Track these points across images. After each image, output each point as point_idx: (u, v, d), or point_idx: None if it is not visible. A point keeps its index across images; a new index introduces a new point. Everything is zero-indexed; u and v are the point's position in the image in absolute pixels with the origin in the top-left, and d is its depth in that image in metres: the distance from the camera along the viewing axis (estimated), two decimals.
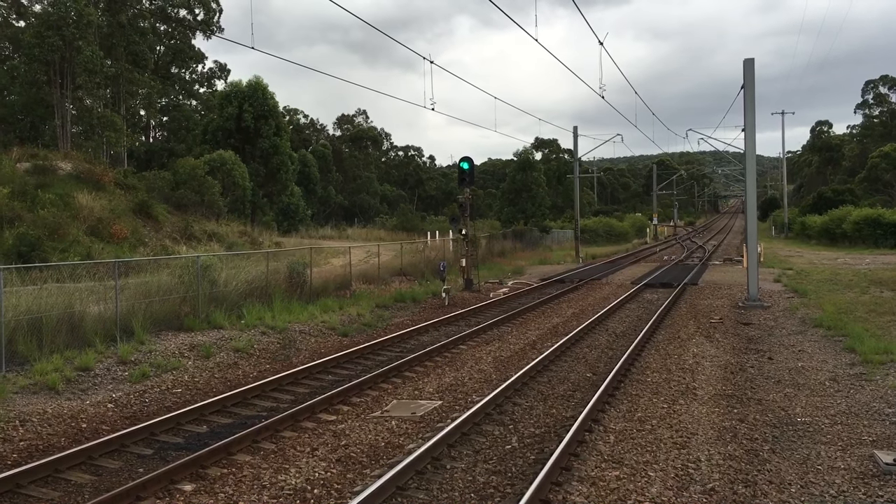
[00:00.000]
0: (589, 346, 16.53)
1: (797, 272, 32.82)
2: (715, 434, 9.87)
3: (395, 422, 10.65)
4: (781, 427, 10.15)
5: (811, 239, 61.51)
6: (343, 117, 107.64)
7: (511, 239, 51.57)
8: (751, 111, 23.44)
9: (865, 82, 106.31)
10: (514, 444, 9.65)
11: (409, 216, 72.42)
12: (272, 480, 8.34)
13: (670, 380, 12.99)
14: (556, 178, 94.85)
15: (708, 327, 18.77)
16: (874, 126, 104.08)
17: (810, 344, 16.12)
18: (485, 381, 13.17)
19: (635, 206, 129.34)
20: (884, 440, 9.46)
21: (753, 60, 23.66)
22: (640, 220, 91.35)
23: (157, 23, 62.00)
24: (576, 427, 9.55)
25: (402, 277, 29.24)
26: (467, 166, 27.88)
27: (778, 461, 8.80)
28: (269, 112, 50.06)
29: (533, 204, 71.58)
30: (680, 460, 8.83)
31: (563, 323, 20.03)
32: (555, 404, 11.57)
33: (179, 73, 69.10)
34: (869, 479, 8.18)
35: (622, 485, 8.06)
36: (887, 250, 46.61)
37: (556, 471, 8.25)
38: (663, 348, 15.97)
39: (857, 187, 78.45)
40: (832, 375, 13.09)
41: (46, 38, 43.75)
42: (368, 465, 8.87)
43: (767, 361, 14.51)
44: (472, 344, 16.87)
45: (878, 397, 11.47)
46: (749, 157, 24.01)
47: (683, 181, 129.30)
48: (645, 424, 10.32)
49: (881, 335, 16.13)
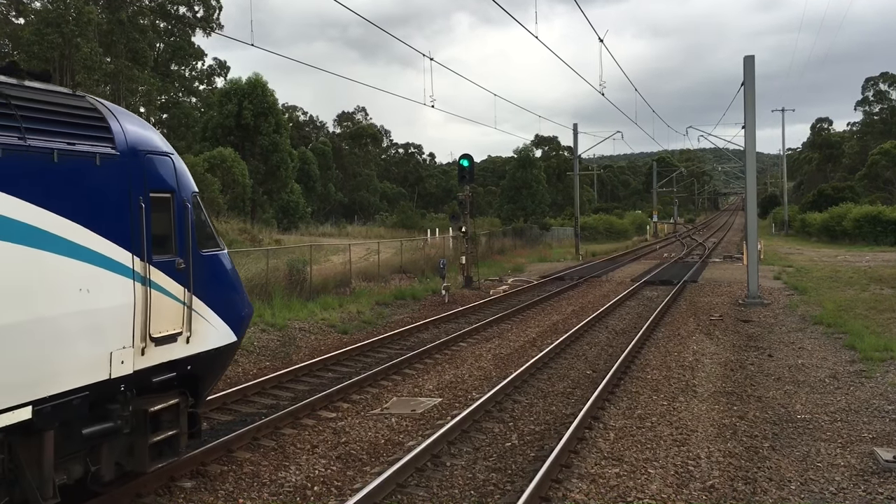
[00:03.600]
0: (589, 343, 16.53)
1: (797, 269, 32.83)
2: (715, 431, 9.87)
3: (395, 419, 10.66)
4: (781, 424, 10.16)
5: (811, 236, 61.51)
6: (343, 114, 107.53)
7: (511, 236, 51.56)
8: (751, 108, 23.43)
9: (866, 79, 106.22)
10: (514, 441, 9.65)
11: (408, 213, 72.38)
12: (272, 478, 8.34)
13: (670, 377, 12.99)
14: (556, 175, 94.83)
15: (708, 324, 18.77)
16: (874, 123, 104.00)
17: (810, 341, 16.12)
18: (485, 379, 13.17)
19: (635, 203, 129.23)
20: (884, 437, 9.46)
21: (753, 57, 23.64)
22: (640, 217, 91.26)
23: (157, 20, 61.96)
24: (576, 424, 9.55)
25: (402, 275, 29.24)
26: (467, 163, 27.86)
27: (778, 458, 8.81)
28: (268, 109, 50.04)
29: (533, 201, 71.62)
30: (680, 457, 8.84)
31: (563, 320, 20.03)
32: (555, 401, 11.57)
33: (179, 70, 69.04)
34: (869, 476, 8.18)
35: (622, 482, 8.06)
36: (887, 248, 46.60)
37: (556, 468, 8.25)
38: (663, 345, 15.97)
39: (857, 184, 78.40)
40: (832, 373, 13.09)
41: (46, 35, 43.72)
42: (368, 463, 8.87)
43: (767, 359, 14.51)
44: (472, 341, 16.87)
45: (877, 394, 11.47)
46: (749, 154, 24.00)
47: (683, 178, 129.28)
48: (645, 422, 10.32)
49: (881, 332, 16.14)
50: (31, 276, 5.86)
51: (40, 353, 5.93)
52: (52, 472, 6.17)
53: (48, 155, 6.08)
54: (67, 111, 6.57)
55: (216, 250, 8.19)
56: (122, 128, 7.05)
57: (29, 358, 5.83)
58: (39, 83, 6.67)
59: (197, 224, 7.78)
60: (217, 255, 8.20)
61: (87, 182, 6.45)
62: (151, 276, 7.03)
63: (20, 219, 5.76)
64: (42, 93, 6.53)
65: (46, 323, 5.98)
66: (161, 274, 7.17)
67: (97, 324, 6.44)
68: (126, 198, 6.83)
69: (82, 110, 6.79)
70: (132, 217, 6.87)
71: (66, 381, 6.16)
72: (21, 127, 5.91)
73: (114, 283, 6.65)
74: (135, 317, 6.85)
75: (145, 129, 7.54)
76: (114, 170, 6.74)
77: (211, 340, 7.88)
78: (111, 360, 6.59)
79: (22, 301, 5.78)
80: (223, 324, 8.12)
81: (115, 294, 6.65)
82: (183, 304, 7.44)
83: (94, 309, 6.43)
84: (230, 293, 8.42)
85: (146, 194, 7.04)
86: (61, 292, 6.13)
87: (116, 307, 6.67)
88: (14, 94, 6.14)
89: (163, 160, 7.46)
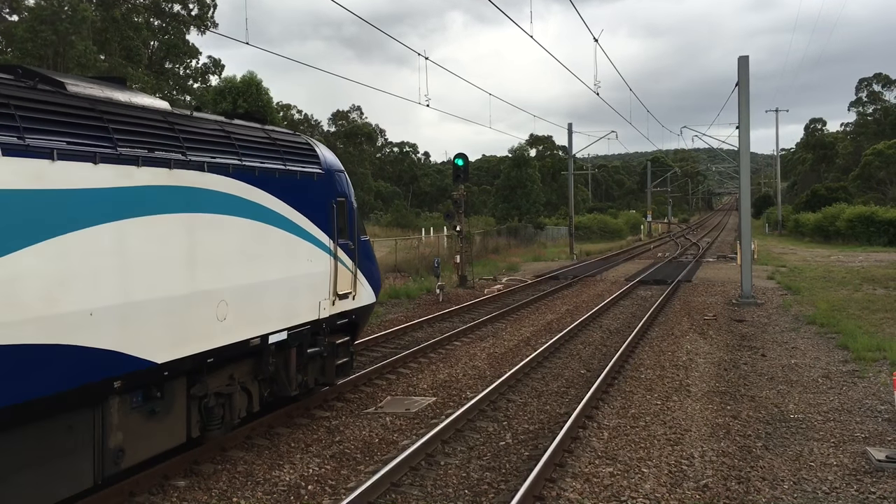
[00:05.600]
0: (583, 342, 16.56)
1: (791, 269, 32.93)
2: (708, 431, 9.90)
3: (390, 418, 10.65)
4: (774, 424, 10.19)
5: (805, 236, 61.70)
6: (338, 113, 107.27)
7: (505, 235, 51.58)
8: (745, 108, 23.48)
9: (859, 80, 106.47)
10: (509, 440, 9.66)
11: (403, 212, 72.33)
12: (266, 476, 8.33)
13: (664, 376, 13.02)
14: (550, 174, 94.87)
15: (702, 324, 18.81)
16: (868, 124, 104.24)
17: (803, 341, 16.18)
18: (479, 378, 13.18)
19: (630, 203, 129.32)
20: (876, 437, 9.50)
21: (748, 58, 23.69)
22: (635, 217, 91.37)
23: (152, 18, 61.75)
24: (570, 423, 9.56)
25: (396, 274, 29.21)
26: (462, 163, 27.85)
27: (771, 458, 8.84)
28: (263, 108, 49.91)
29: (527, 201, 71.57)
30: (673, 457, 8.86)
31: (558, 319, 20.05)
32: (549, 401, 11.58)
33: (173, 68, 68.77)
34: (861, 475, 8.21)
35: (616, 481, 8.08)
36: (880, 248, 46.77)
37: (550, 467, 8.26)
38: (657, 345, 16.00)
39: (850, 185, 78.59)
40: (825, 372, 13.14)
41: (40, 32, 43.52)
42: (362, 462, 8.87)
43: (761, 358, 14.55)
44: (467, 340, 16.87)
45: (870, 394, 11.52)
46: (743, 155, 24.07)
47: (678, 178, 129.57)
48: (639, 421, 10.34)
49: (874, 332, 16.20)
50: (287, 249, 9.31)
51: (290, 299, 9.41)
52: (295, 374, 9.76)
53: (294, 174, 9.59)
54: (298, 146, 10.18)
55: (366, 238, 11.88)
56: (322, 155, 10.68)
57: (286, 301, 9.31)
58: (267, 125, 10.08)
59: (357, 219, 11.34)
60: (367, 240, 12.00)
61: (310, 191, 9.93)
62: (338, 253, 10.60)
63: (284, 214, 9.24)
64: (283, 133, 10.27)
65: (293, 280, 9.42)
66: (342, 252, 10.73)
67: (314, 283, 9.96)
68: (326, 201, 10.37)
69: (304, 145, 10.40)
70: (329, 213, 10.39)
71: (301, 318, 9.69)
72: (284, 158, 9.49)
73: (322, 256, 10.18)
74: (330, 279, 10.38)
75: (332, 155, 11.19)
76: (320, 183, 10.28)
77: (364, 299, 11.57)
78: (320, 307, 10.12)
79: (283, 265, 9.20)
80: (370, 289, 11.86)
81: (322, 263, 10.17)
82: (352, 273, 11.10)
83: (313, 273, 9.93)
84: (373, 268, 12.19)
85: (336, 199, 10.64)
86: (299, 260, 9.58)
87: (322, 272, 10.17)
88: (276, 136, 9.73)
89: (341, 175, 11.08)
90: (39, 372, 5.88)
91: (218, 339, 8.00)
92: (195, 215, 7.66)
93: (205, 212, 7.82)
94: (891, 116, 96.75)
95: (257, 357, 9.04)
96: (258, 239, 8.70)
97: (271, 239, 8.95)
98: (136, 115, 7.31)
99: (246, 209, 8.49)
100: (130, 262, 6.80)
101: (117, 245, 6.67)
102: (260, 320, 8.76)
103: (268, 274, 8.85)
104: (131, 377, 6.86)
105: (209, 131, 8.30)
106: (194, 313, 7.62)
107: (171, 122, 7.73)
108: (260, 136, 9.32)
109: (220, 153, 8.19)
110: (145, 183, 7.03)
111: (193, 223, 7.62)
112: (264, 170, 8.87)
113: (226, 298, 8.08)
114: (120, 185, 6.74)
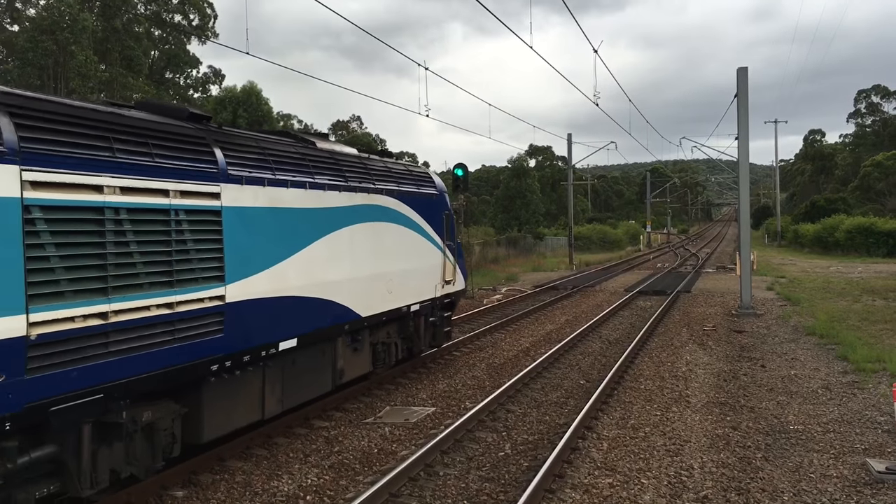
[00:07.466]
0: (582, 353, 16.53)
1: (790, 280, 32.93)
2: (708, 442, 9.87)
3: (388, 428, 10.63)
4: (774, 435, 10.16)
5: (804, 247, 61.71)
6: (338, 123, 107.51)
7: (505, 246, 51.57)
8: (744, 120, 23.53)
9: (858, 92, 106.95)
10: (508, 450, 9.63)
11: None
12: (264, 487, 8.30)
13: (663, 387, 13.00)
14: (549, 185, 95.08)
15: (701, 335, 18.79)
16: (866, 135, 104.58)
17: (803, 352, 16.16)
18: (478, 388, 13.15)
19: (629, 213, 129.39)
20: (876, 448, 9.48)
21: (747, 69, 23.76)
22: (634, 227, 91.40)
23: (152, 28, 61.96)
24: (569, 434, 9.54)
25: None
26: (461, 173, 27.87)
27: (770, 469, 8.81)
28: (263, 117, 50.04)
29: (527, 211, 71.70)
30: (673, 468, 8.83)
31: (557, 330, 20.03)
32: (548, 411, 11.56)
33: (174, 78, 68.97)
34: (861, 487, 8.19)
35: (615, 492, 8.05)
36: (879, 259, 46.79)
37: (549, 478, 8.23)
38: (656, 356, 15.98)
39: (849, 196, 78.71)
40: (825, 383, 13.12)
41: (40, 42, 43.65)
42: (361, 472, 8.84)
43: (760, 369, 14.53)
44: (466, 350, 16.85)
45: (870, 405, 11.50)
46: (742, 166, 24.09)
47: (677, 189, 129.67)
48: (638, 432, 10.32)
49: (873, 343, 16.18)
50: (421, 246, 13.35)
51: (421, 281, 13.39)
52: (423, 335, 13.96)
53: (423, 195, 13.62)
54: (424, 174, 14.33)
55: (459, 241, 15.86)
56: (437, 180, 14.73)
57: (419, 282, 13.30)
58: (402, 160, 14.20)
59: (454, 226, 15.34)
60: (459, 242, 15.95)
61: (430, 206, 13.84)
62: (445, 251, 14.57)
63: (419, 223, 13.24)
64: (414, 166, 14.78)
65: (423, 268, 13.48)
66: (447, 250, 14.65)
67: (433, 271, 13.95)
68: (439, 213, 14.33)
69: (426, 174, 14.55)
70: (441, 222, 14.35)
71: (426, 295, 13.62)
72: (417, 183, 13.53)
73: (436, 252, 14.10)
74: (442, 269, 14.38)
75: (440, 180, 15.05)
76: (435, 200, 14.15)
77: (459, 285, 15.62)
78: (435, 289, 14.08)
79: (419, 257, 13.24)
80: (462, 279, 15.84)
81: (436, 257, 14.13)
82: (453, 266, 14.98)
83: (433, 264, 13.95)
84: (464, 263, 16.20)
85: (444, 211, 14.62)
86: (424, 255, 13.48)
87: (437, 264, 14.16)
88: (411, 168, 14.07)
89: (445, 195, 14.91)
90: (320, 313, 9.90)
91: (388, 304, 12.02)
92: (377, 223, 11.63)
93: (381, 221, 11.80)
94: (890, 128, 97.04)
95: (402, 321, 13.13)
96: (407, 239, 12.75)
97: (413, 240, 13.02)
98: (351, 160, 11.26)
99: (401, 219, 12.52)
100: (353, 252, 10.79)
101: (348, 241, 10.65)
102: (407, 295, 12.71)
103: (412, 263, 12.90)
104: (352, 324, 10.86)
105: (380, 167, 12.27)
106: (377, 286, 11.57)
107: (364, 163, 11.66)
108: (403, 170, 13.35)
109: (386, 182, 12.18)
110: (359, 203, 11.04)
111: (376, 228, 11.59)
112: (409, 192, 12.90)
113: (392, 278, 12.06)
114: (349, 205, 10.74)
